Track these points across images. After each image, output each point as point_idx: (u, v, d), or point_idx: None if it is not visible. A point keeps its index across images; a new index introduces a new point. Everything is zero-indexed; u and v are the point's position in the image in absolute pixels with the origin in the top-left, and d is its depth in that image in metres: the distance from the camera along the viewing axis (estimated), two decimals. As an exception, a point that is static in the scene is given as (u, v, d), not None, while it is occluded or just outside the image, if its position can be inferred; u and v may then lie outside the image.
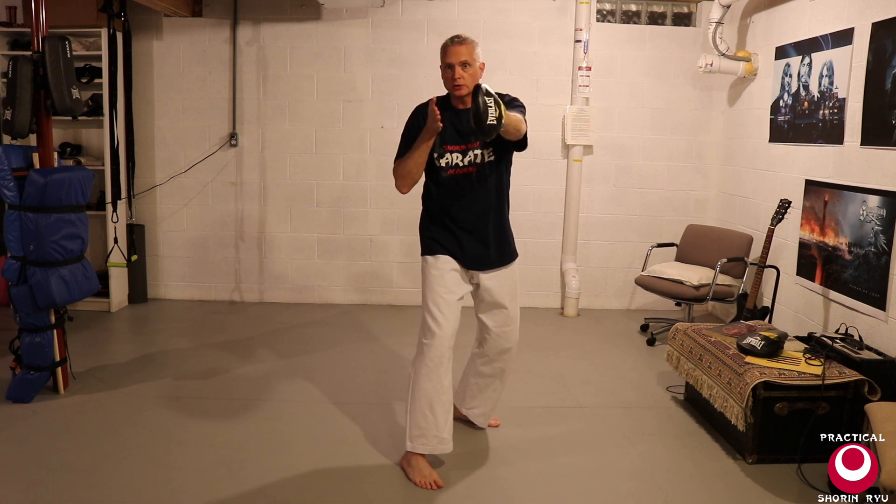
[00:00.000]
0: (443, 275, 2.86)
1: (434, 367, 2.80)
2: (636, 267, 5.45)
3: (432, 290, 2.84)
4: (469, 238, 2.89)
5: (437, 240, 2.89)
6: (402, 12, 5.43)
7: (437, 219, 2.92)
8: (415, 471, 2.85)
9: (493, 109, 2.43)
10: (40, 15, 3.40)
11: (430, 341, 2.80)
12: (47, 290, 3.40)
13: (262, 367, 4.15)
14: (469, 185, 2.86)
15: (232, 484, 2.79)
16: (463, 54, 2.76)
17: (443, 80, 2.84)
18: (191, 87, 5.51)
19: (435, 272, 2.86)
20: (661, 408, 3.72)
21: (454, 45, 2.78)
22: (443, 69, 2.82)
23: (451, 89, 2.82)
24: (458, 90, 2.79)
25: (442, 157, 2.82)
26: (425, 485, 2.80)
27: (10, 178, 3.33)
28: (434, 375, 2.80)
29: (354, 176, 5.59)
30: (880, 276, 3.44)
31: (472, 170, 2.84)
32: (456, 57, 2.76)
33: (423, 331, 2.83)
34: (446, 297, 2.84)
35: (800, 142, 4.32)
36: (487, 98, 2.44)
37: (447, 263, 2.88)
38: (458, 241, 2.89)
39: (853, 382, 3.02)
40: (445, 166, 2.83)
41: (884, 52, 3.48)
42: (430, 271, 2.87)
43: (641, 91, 5.54)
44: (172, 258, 5.68)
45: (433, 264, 2.88)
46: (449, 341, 2.82)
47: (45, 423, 3.31)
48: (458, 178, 2.85)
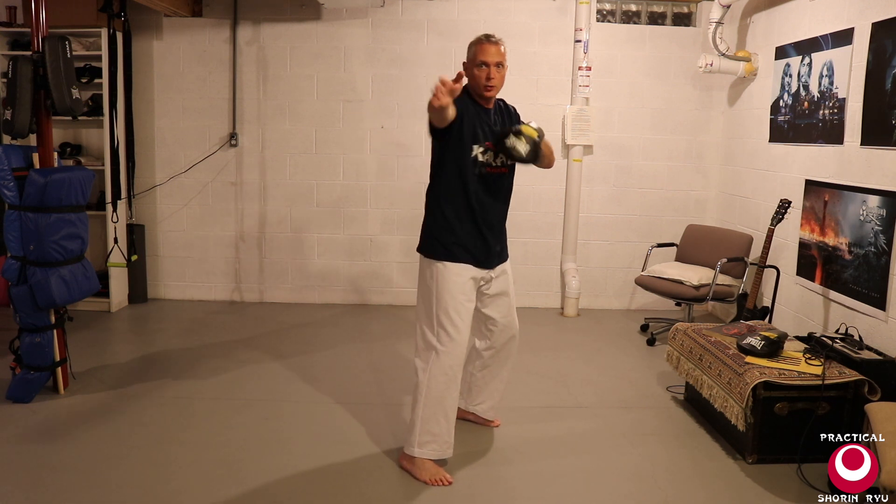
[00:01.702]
0: (465, 282, 2.83)
1: (453, 374, 2.81)
2: (636, 267, 5.45)
3: (453, 298, 2.79)
4: (492, 236, 2.90)
5: (463, 244, 2.82)
6: (402, 12, 5.43)
7: (465, 219, 2.82)
8: (422, 470, 2.85)
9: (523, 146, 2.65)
10: (40, 15, 3.40)
11: (448, 348, 2.78)
12: (47, 290, 3.40)
13: (262, 367, 4.15)
14: (501, 185, 2.88)
15: (232, 484, 2.79)
16: (498, 55, 2.74)
17: (470, 77, 2.77)
18: (191, 87, 5.51)
19: (458, 279, 2.81)
20: (661, 408, 3.72)
21: (490, 44, 2.74)
22: (473, 67, 2.75)
23: (482, 89, 2.77)
24: (489, 91, 2.76)
25: (485, 154, 2.79)
26: (435, 482, 2.81)
27: (10, 178, 3.33)
28: (453, 383, 2.82)
29: (354, 176, 5.59)
30: (880, 276, 3.44)
31: (504, 170, 2.87)
32: (492, 56, 2.73)
33: (439, 337, 2.79)
34: (467, 305, 2.84)
35: (800, 142, 4.32)
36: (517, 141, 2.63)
37: (468, 271, 2.84)
38: (484, 240, 2.87)
39: (853, 382, 3.02)
40: (485, 163, 2.79)
41: (884, 52, 3.48)
42: (453, 278, 2.80)
43: (641, 91, 5.54)
44: (172, 258, 5.68)
45: (455, 271, 2.81)
46: (465, 348, 2.84)
47: (45, 423, 3.31)
48: (494, 177, 2.84)
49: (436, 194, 2.87)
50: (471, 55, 2.79)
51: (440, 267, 2.81)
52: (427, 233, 2.90)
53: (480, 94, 2.80)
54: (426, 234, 2.90)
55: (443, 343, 2.78)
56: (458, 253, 2.81)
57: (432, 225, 2.87)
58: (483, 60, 2.73)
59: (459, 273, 2.81)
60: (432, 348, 2.80)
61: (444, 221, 2.83)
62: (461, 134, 2.75)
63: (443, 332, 2.78)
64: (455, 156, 2.77)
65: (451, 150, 2.77)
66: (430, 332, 2.81)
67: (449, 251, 2.81)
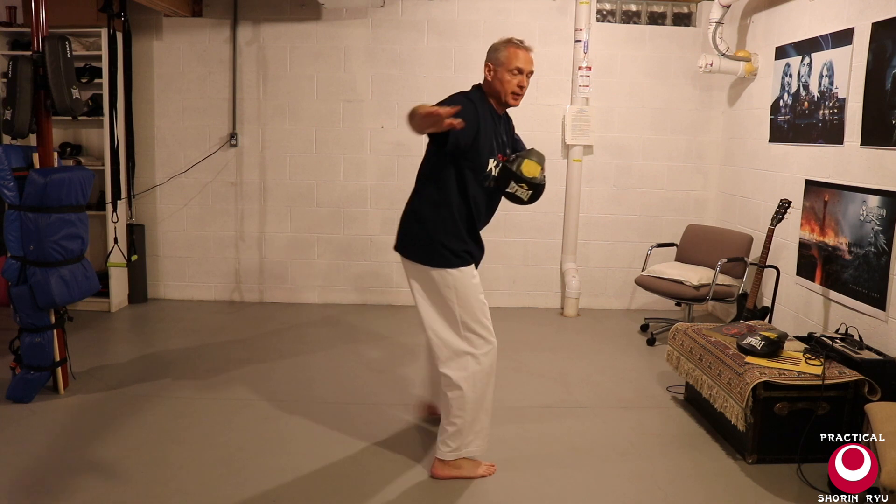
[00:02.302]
0: (478, 283, 2.83)
1: (492, 372, 2.83)
2: (636, 267, 5.45)
3: (478, 300, 2.78)
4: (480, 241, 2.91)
5: (470, 250, 2.82)
6: (402, 12, 5.43)
7: (470, 226, 2.79)
8: (468, 468, 2.88)
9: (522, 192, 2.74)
10: (40, 15, 3.40)
11: (486, 350, 2.78)
12: (47, 290, 3.40)
13: (262, 367, 4.15)
14: (496, 194, 2.86)
15: (232, 484, 2.79)
16: (531, 63, 2.71)
17: (498, 82, 2.71)
18: (191, 87, 5.51)
19: (475, 282, 2.80)
20: (661, 408, 3.72)
21: (524, 51, 2.70)
22: (503, 71, 2.69)
23: (509, 96, 2.72)
24: (517, 99, 2.74)
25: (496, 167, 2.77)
26: (488, 472, 2.91)
27: (10, 178, 3.33)
28: (492, 380, 2.85)
29: (354, 176, 5.59)
30: (880, 276, 3.44)
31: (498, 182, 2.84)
32: (527, 64, 2.69)
33: (473, 342, 2.76)
34: (486, 304, 2.84)
35: (800, 142, 4.32)
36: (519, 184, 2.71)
37: (475, 272, 2.85)
38: (480, 244, 2.89)
39: (853, 382, 3.02)
40: (489, 175, 2.77)
41: (884, 52, 3.48)
42: (471, 281, 2.78)
43: (641, 91, 5.54)
44: (172, 258, 5.68)
45: (470, 274, 2.79)
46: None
47: (45, 423, 3.31)
48: (493, 188, 2.82)
49: (435, 201, 2.76)
50: (502, 58, 2.71)
51: (457, 274, 2.76)
52: (429, 242, 2.76)
53: (505, 100, 2.75)
54: (428, 243, 2.76)
55: (478, 347, 2.77)
56: (468, 258, 2.81)
57: (437, 233, 2.75)
58: (519, 67, 2.69)
59: (473, 275, 2.81)
60: (466, 354, 2.76)
61: (454, 229, 2.76)
62: (477, 145, 2.67)
63: (476, 337, 2.77)
64: (469, 166, 2.70)
65: (467, 160, 2.69)
66: (458, 339, 2.76)
67: (461, 258, 2.78)
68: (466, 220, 2.78)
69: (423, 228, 2.79)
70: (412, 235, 2.84)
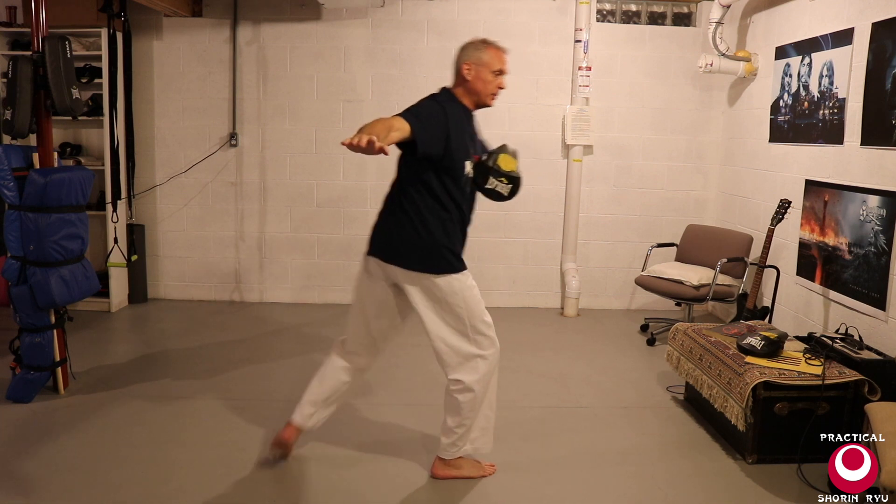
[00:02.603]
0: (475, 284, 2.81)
1: (496, 370, 2.84)
2: (636, 267, 5.45)
3: (480, 303, 2.77)
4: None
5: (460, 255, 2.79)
6: (402, 12, 5.42)
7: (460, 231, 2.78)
8: (467, 468, 2.89)
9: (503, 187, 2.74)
10: (40, 15, 3.40)
11: (492, 350, 2.78)
12: (47, 290, 3.40)
13: (262, 367, 4.15)
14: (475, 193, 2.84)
15: (232, 484, 2.79)
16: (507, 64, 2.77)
17: (480, 82, 2.72)
18: (191, 87, 5.50)
19: (474, 284, 2.78)
20: (661, 408, 3.72)
21: (504, 53, 2.76)
22: (487, 72, 2.70)
23: (488, 97, 2.75)
24: (493, 99, 2.77)
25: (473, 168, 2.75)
26: (488, 471, 2.93)
27: (10, 178, 3.33)
28: (495, 377, 2.86)
29: (354, 176, 5.59)
30: (880, 276, 3.44)
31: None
32: (507, 66, 2.74)
33: (480, 344, 2.75)
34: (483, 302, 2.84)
35: (800, 142, 4.32)
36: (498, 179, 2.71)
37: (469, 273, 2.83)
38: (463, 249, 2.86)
39: (853, 382, 3.02)
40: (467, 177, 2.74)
41: (884, 52, 3.48)
42: (471, 283, 2.77)
43: (641, 91, 5.54)
44: (172, 258, 5.68)
45: (469, 276, 2.77)
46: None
47: (45, 423, 3.31)
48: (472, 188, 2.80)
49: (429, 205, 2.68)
50: (486, 58, 2.71)
51: (461, 278, 2.73)
52: (432, 247, 2.67)
53: (485, 101, 2.76)
54: (432, 249, 2.67)
55: (485, 348, 2.77)
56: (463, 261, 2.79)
57: (440, 238, 2.68)
58: (500, 69, 2.73)
59: (471, 277, 2.80)
60: (475, 357, 2.75)
61: (454, 232, 2.73)
62: (451, 151, 2.64)
63: (483, 338, 2.76)
64: (447, 170, 2.67)
65: (443, 164, 2.65)
66: (467, 344, 2.74)
67: (461, 261, 2.77)
68: (459, 223, 2.77)
69: (424, 234, 2.67)
70: (410, 243, 2.68)
